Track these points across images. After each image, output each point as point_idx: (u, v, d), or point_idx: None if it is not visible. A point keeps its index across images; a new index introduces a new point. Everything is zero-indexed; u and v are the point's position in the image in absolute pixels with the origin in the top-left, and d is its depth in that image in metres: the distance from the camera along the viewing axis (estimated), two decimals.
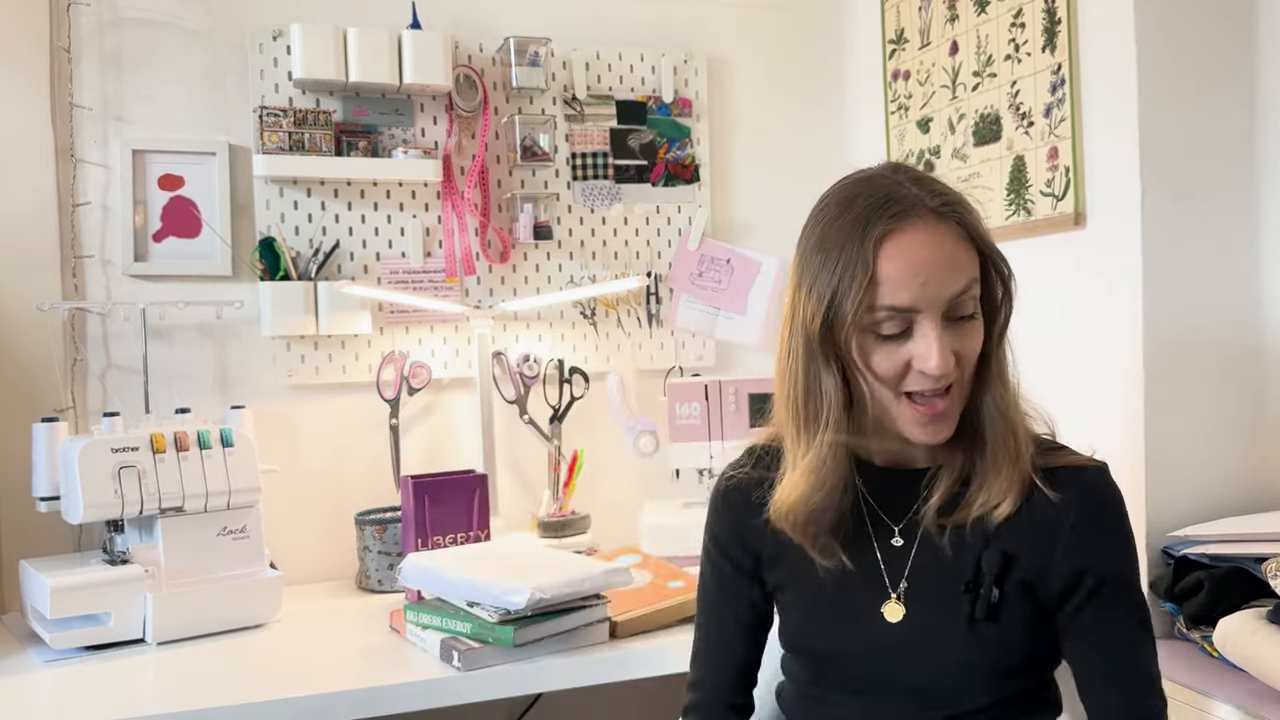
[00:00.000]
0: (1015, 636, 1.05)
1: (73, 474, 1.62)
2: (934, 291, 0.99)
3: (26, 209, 1.91)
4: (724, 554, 1.19)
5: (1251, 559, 1.44)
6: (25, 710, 1.42)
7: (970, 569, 1.05)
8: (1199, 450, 1.64)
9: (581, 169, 2.26)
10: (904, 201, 1.01)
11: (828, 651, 1.11)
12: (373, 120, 2.12)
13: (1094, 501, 1.06)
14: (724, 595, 1.19)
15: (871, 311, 1.00)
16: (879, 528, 1.10)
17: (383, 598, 1.90)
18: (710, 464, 2.06)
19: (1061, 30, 1.76)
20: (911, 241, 1.00)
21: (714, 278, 2.33)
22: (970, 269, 1.01)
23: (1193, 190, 1.64)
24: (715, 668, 1.20)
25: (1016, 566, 1.05)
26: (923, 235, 1.00)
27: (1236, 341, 1.67)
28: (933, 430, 1.04)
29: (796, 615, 1.14)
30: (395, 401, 2.08)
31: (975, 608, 1.04)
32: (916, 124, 2.18)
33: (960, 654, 1.04)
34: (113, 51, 1.98)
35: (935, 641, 1.05)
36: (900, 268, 0.99)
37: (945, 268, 1.00)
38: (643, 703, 2.07)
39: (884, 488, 1.11)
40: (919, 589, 1.07)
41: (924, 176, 1.05)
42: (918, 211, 1.00)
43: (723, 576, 1.19)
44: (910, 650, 1.06)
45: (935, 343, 0.99)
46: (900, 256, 0.99)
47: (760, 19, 2.40)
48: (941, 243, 1.00)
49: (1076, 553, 1.04)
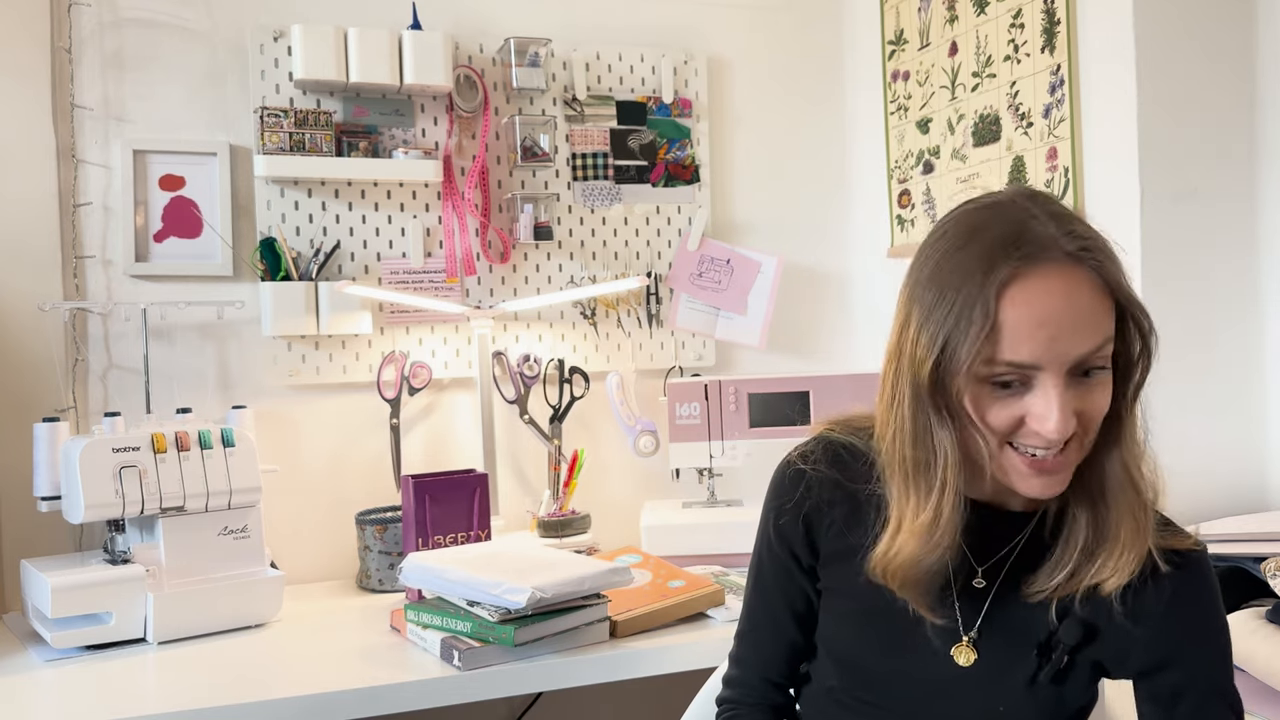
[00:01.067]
0: (1073, 700, 1.01)
1: (74, 474, 1.62)
2: (1062, 348, 0.88)
3: (27, 209, 1.91)
4: (785, 543, 1.11)
5: (1250, 559, 1.44)
6: (26, 709, 1.42)
7: (1045, 630, 1.00)
8: (1198, 450, 1.64)
9: (582, 169, 2.26)
10: (1037, 242, 0.89)
11: (872, 668, 1.06)
12: (373, 121, 2.12)
13: (1190, 592, 0.99)
14: (777, 583, 1.13)
15: (990, 364, 0.89)
16: (961, 564, 1.02)
17: (383, 597, 1.91)
18: (710, 464, 2.06)
19: (1061, 31, 1.76)
20: (1041, 289, 0.88)
21: (714, 278, 2.33)
22: (1106, 325, 0.90)
23: (1192, 190, 1.64)
24: (763, 649, 1.15)
25: (1096, 641, 0.99)
26: (1055, 283, 0.88)
27: (1236, 341, 1.67)
28: (1042, 484, 0.93)
29: (845, 626, 1.09)
30: (396, 401, 2.09)
31: (1041, 671, 0.99)
32: (916, 124, 2.18)
33: (1014, 707, 1.00)
34: (114, 52, 1.99)
35: (992, 692, 1.01)
36: (1026, 318, 0.88)
37: (1077, 323, 0.88)
38: (643, 703, 2.07)
39: (975, 524, 1.00)
40: (991, 636, 1.02)
41: (1063, 212, 0.93)
42: (1051, 255, 0.89)
43: (779, 566, 1.12)
44: (964, 693, 1.02)
45: (1056, 403, 0.88)
46: (1027, 305, 0.88)
47: (760, 19, 2.40)
48: (1076, 293, 0.89)
49: (1162, 643, 0.98)
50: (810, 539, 1.10)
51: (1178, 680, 0.99)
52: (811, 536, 1.10)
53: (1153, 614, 0.98)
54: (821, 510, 1.08)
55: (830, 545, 1.09)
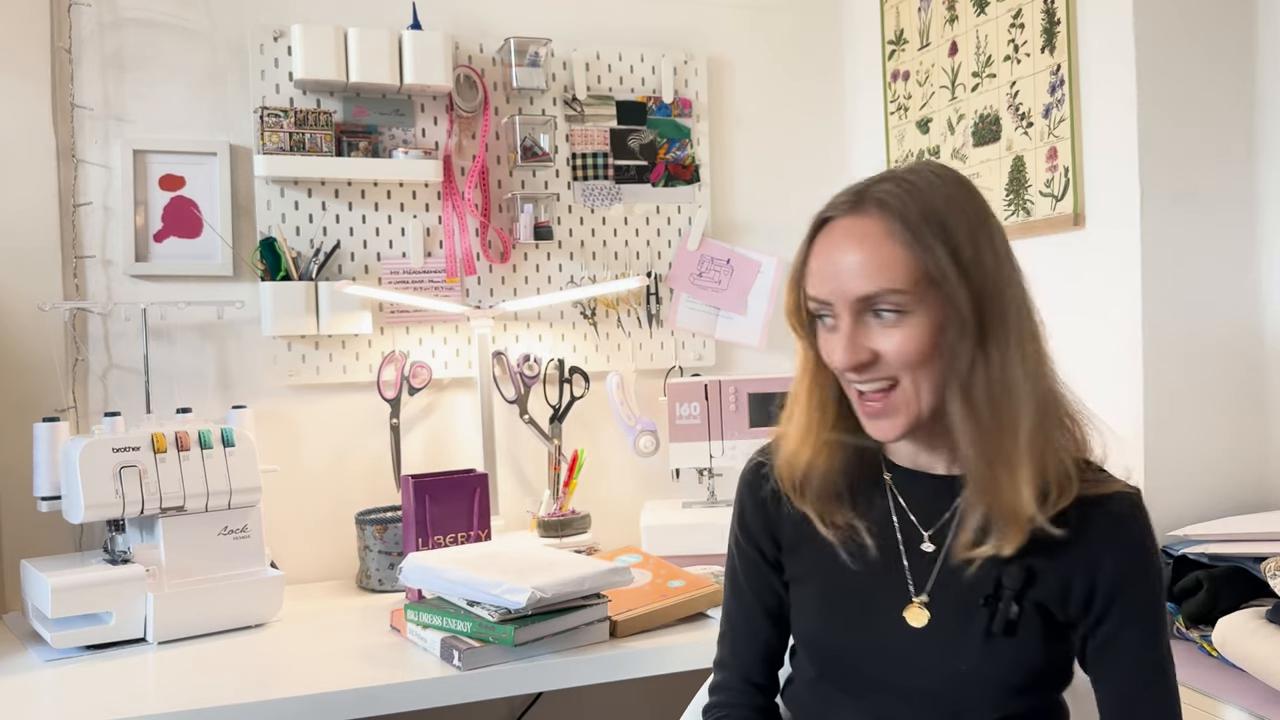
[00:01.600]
0: (1030, 654, 1.04)
1: (74, 474, 1.62)
2: (842, 285, 0.99)
3: (28, 209, 1.91)
4: (750, 539, 1.18)
5: (1250, 558, 1.44)
6: (26, 709, 1.42)
7: (992, 582, 1.04)
8: (1198, 450, 1.64)
9: (582, 169, 2.26)
10: (847, 196, 1.02)
11: (839, 648, 1.10)
12: (373, 121, 2.12)
13: (1120, 529, 1.03)
14: (749, 579, 1.19)
15: (809, 301, 1.03)
16: (910, 531, 1.09)
17: (383, 597, 1.91)
18: (710, 464, 2.06)
19: (1061, 31, 1.76)
20: (834, 236, 1.01)
21: (714, 278, 2.33)
22: (893, 272, 0.97)
23: (1192, 190, 1.64)
24: (740, 649, 1.20)
25: (1038, 583, 1.03)
26: (843, 230, 1.00)
27: (1235, 341, 1.67)
28: (877, 427, 1.04)
29: (812, 608, 1.13)
30: (396, 401, 2.09)
31: (993, 622, 1.03)
32: (916, 124, 2.18)
33: (973, 666, 1.03)
34: (114, 52, 1.98)
35: (951, 651, 1.04)
36: (819, 259, 1.02)
37: (858, 265, 0.98)
38: (643, 702, 2.07)
39: (915, 491, 1.10)
40: (943, 596, 1.06)
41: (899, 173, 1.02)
42: (851, 207, 1.01)
43: (749, 562, 1.18)
44: (925, 656, 1.05)
45: (840, 334, 1.00)
46: (822, 248, 1.02)
47: (760, 19, 2.40)
48: (860, 240, 0.99)
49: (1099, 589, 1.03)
50: (771, 531, 1.16)
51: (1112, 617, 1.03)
52: (772, 528, 1.16)
53: (1084, 552, 1.03)
54: (779, 499, 1.14)
55: (790, 535, 1.14)
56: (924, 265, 0.97)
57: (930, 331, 0.98)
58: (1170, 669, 1.05)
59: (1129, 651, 1.03)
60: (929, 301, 0.98)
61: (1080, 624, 1.05)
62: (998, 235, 1.02)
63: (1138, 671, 1.03)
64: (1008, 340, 1.00)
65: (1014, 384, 0.99)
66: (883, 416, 1.02)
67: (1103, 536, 1.03)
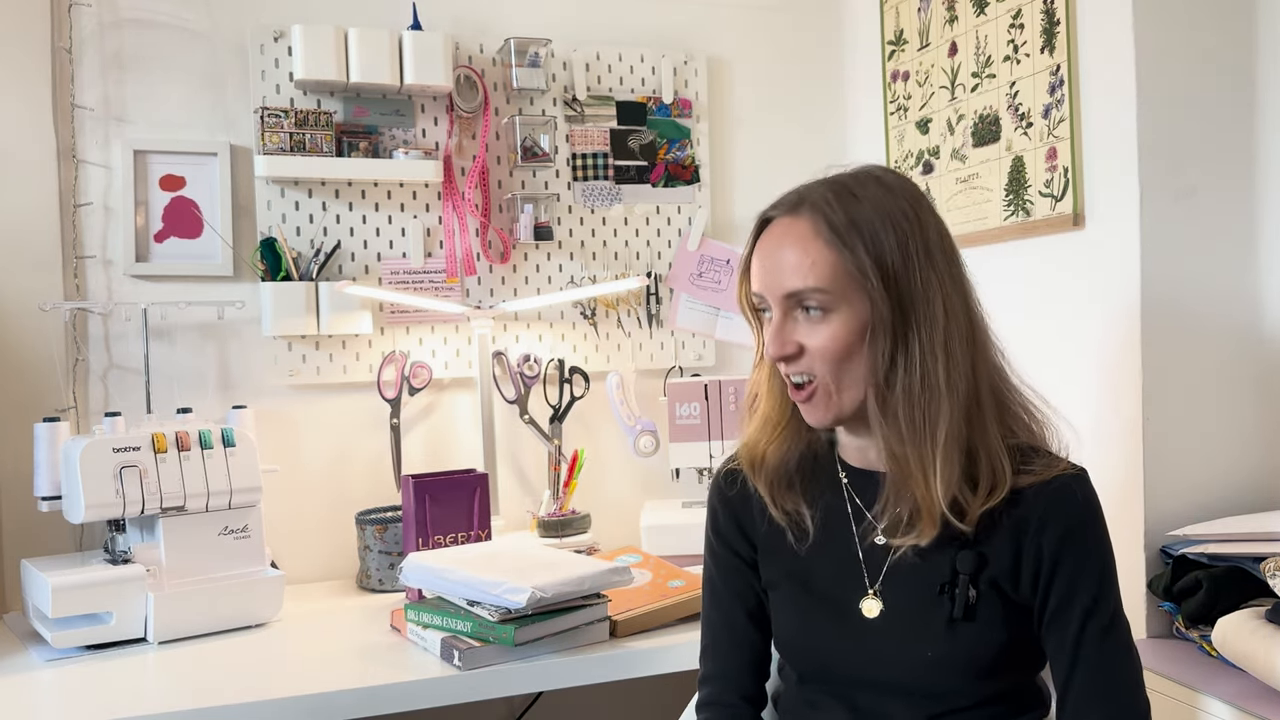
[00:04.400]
0: (993, 635, 1.06)
1: (74, 474, 1.62)
2: (773, 281, 1.06)
3: (28, 209, 1.91)
4: (725, 543, 1.20)
5: (1250, 558, 1.44)
6: (26, 709, 1.42)
7: (948, 569, 1.06)
8: (1197, 450, 1.64)
9: (582, 169, 2.26)
10: (792, 194, 1.09)
11: (811, 648, 1.12)
12: (373, 121, 2.12)
13: (1064, 505, 1.06)
14: (728, 585, 1.20)
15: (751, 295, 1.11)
16: (863, 525, 1.12)
17: (383, 597, 1.91)
18: (710, 464, 2.06)
19: (1060, 31, 1.76)
20: (772, 232, 1.08)
21: (714, 278, 2.33)
22: (818, 271, 1.03)
23: (1192, 190, 1.64)
24: (726, 660, 1.19)
25: (990, 564, 1.06)
26: (777, 231, 1.07)
27: (1235, 342, 1.67)
28: (807, 413, 1.10)
29: (785, 613, 1.15)
30: (396, 401, 2.09)
31: (954, 607, 1.05)
32: (916, 125, 2.18)
33: (938, 652, 1.05)
34: (114, 52, 1.99)
35: (913, 639, 1.06)
36: (757, 257, 1.09)
37: (786, 264, 1.05)
38: (643, 702, 2.07)
39: (866, 487, 1.13)
40: (896, 586, 1.09)
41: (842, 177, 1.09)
42: (790, 203, 1.08)
43: (726, 567, 1.20)
44: (888, 647, 1.07)
45: (772, 327, 1.07)
46: (760, 247, 1.09)
47: (760, 19, 2.40)
48: (791, 240, 1.05)
49: (1043, 560, 1.06)
50: (745, 533, 1.18)
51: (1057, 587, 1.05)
52: (746, 531, 1.18)
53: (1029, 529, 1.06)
54: (749, 502, 1.17)
55: (763, 537, 1.16)
56: (847, 266, 1.03)
57: (853, 330, 1.04)
58: (1118, 635, 1.05)
59: (1075, 619, 1.05)
60: (852, 301, 1.03)
61: (1034, 600, 1.07)
62: (935, 242, 1.05)
63: (1085, 640, 1.04)
64: (931, 343, 1.03)
65: (933, 386, 1.03)
66: (810, 404, 1.08)
67: (1044, 511, 1.06)
